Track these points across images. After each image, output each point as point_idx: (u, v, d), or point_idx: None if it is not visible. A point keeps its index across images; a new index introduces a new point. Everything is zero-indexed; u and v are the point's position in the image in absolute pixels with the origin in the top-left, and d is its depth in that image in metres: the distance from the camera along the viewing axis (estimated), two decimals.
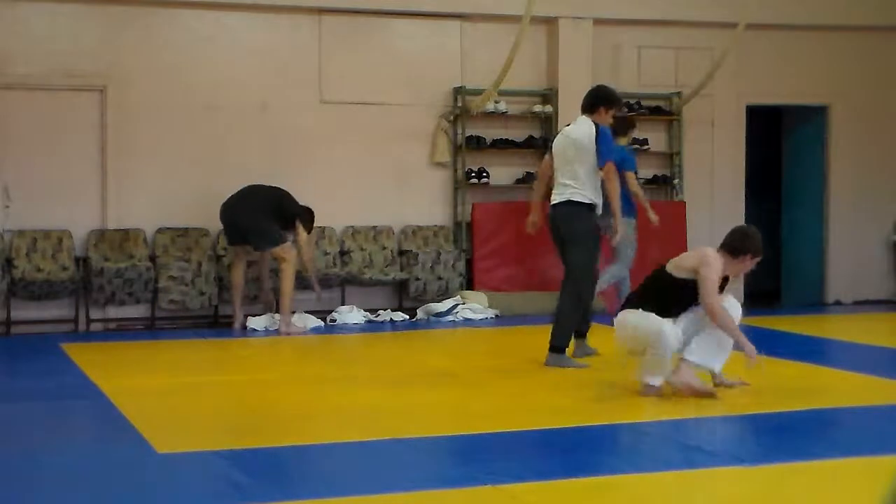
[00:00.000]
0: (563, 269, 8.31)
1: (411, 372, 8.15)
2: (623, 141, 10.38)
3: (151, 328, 10.66)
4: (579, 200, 8.13)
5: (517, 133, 11.97)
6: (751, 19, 11.59)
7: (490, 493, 4.81)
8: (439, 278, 11.26)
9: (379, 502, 4.69)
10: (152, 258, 10.71)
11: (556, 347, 8.12)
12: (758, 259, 6.99)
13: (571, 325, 8.20)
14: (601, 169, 8.13)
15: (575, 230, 8.15)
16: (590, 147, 8.10)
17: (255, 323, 10.40)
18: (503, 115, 11.82)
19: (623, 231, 8.52)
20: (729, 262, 6.92)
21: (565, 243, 8.22)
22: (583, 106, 8.33)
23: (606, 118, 8.28)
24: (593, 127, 8.14)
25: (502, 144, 11.76)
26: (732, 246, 6.95)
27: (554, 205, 8.26)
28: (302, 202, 10.52)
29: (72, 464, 5.33)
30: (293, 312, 10.35)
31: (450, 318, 11.01)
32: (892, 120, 13.17)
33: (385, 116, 11.55)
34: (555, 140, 8.44)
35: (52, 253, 10.49)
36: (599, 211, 8.27)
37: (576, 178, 8.14)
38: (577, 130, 8.22)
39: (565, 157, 8.22)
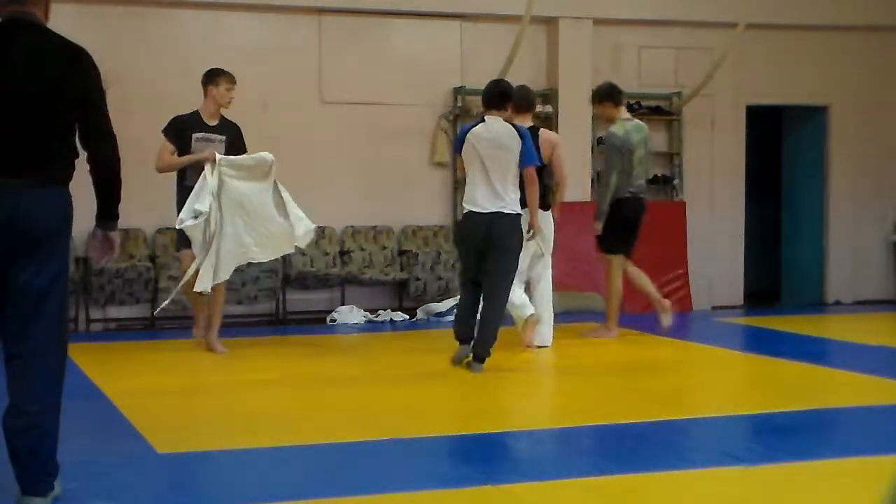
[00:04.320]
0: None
1: (411, 372, 8.14)
2: None
3: (151, 328, 10.65)
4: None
5: None
6: (751, 19, 11.59)
7: (490, 493, 4.81)
8: (439, 278, 11.26)
9: (379, 502, 4.69)
10: (152, 258, 10.70)
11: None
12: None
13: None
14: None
15: None
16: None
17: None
18: None
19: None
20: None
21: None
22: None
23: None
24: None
25: None
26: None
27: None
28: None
29: (71, 464, 5.32)
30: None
31: (450, 318, 10.99)
32: (892, 120, 13.16)
33: (385, 116, 11.55)
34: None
35: None
36: None
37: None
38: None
39: None
